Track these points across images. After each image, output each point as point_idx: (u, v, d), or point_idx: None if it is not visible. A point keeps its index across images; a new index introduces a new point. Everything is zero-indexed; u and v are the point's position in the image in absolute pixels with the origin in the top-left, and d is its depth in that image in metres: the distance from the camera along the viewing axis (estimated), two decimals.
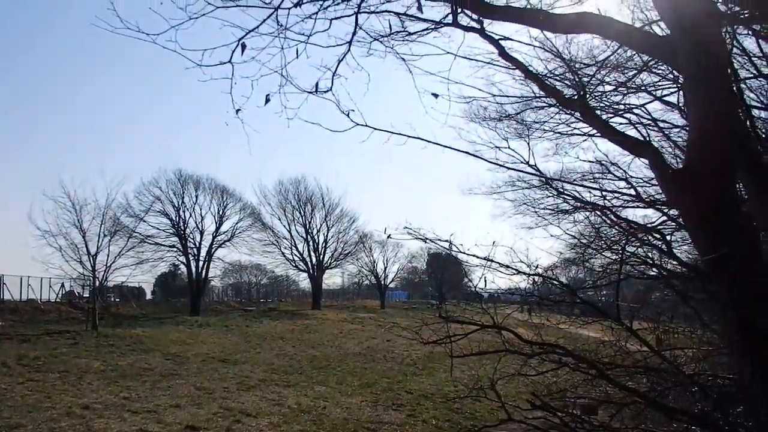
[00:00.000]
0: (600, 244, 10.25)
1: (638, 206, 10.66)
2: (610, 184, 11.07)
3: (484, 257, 5.63)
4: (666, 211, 9.17)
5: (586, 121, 6.97)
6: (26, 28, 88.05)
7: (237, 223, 51.52)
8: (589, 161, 11.00)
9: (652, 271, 8.88)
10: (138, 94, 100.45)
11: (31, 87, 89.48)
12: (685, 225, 5.49)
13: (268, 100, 4.62)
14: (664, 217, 9.51)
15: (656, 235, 8.81)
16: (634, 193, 10.46)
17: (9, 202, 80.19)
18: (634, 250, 8.55)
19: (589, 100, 7.00)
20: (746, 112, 6.74)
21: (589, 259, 10.98)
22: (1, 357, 18.28)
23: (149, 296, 56.92)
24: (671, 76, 7.81)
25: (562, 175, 11.49)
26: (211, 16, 4.44)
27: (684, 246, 9.50)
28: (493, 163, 7.58)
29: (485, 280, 6.00)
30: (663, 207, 9.14)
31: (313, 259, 58.84)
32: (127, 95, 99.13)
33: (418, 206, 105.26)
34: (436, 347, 6.26)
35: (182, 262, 49.24)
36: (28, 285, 36.90)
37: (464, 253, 5.78)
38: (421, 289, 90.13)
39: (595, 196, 10.52)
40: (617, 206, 10.28)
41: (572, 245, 12.11)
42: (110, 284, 39.12)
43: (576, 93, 7.01)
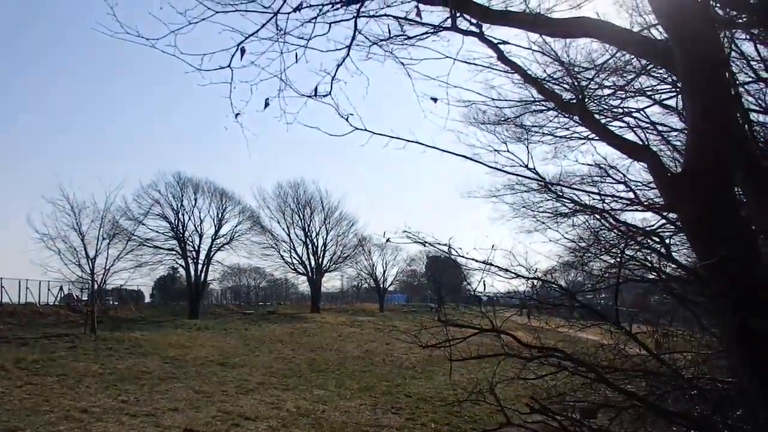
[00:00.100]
0: (599, 248, 10.25)
1: (637, 209, 10.67)
2: (609, 188, 11.11)
3: (483, 261, 5.64)
4: (665, 214, 9.18)
5: (584, 125, 6.99)
6: (26, 33, 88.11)
7: (236, 226, 51.59)
8: (588, 164, 11.04)
9: (651, 274, 8.87)
10: (138, 98, 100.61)
11: (31, 89, 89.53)
12: (683, 228, 5.50)
13: (267, 104, 4.63)
14: (663, 221, 9.53)
15: (655, 238, 8.81)
16: (632, 197, 10.49)
17: (8, 206, 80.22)
18: (633, 254, 8.55)
19: (587, 103, 7.01)
20: (744, 116, 6.75)
21: (588, 263, 10.98)
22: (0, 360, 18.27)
23: (148, 299, 56.95)
24: (670, 79, 7.82)
25: (561, 178, 11.53)
26: (210, 20, 4.45)
27: (683, 249, 9.51)
28: (491, 167, 7.60)
29: (484, 284, 6.00)
30: (662, 210, 9.14)
31: (312, 263, 58.79)
32: (127, 99, 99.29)
33: (418, 209, 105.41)
34: (435, 351, 6.25)
35: (181, 265, 49.25)
36: (26, 288, 36.94)
37: (463, 256, 5.78)
38: (421, 292, 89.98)
39: (594, 199, 10.54)
40: (616, 209, 10.30)
41: (571, 248, 12.12)
42: (109, 287, 39.17)
43: (575, 97, 7.02)
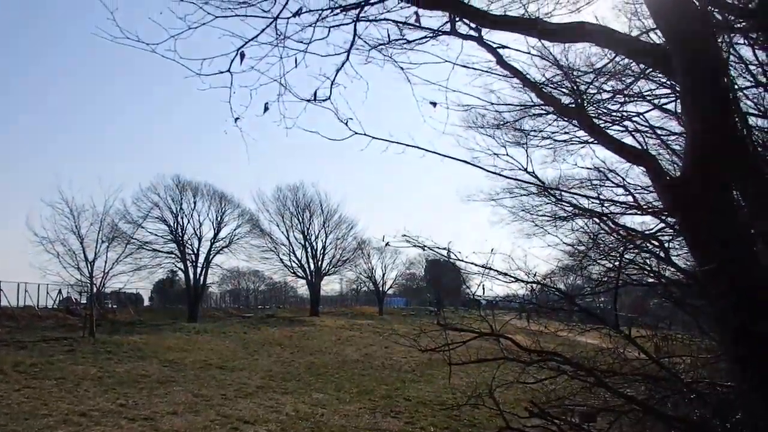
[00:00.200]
0: (598, 251, 10.25)
1: (636, 213, 10.66)
2: (608, 191, 11.07)
3: (483, 265, 5.62)
4: (664, 218, 9.17)
5: (583, 129, 6.99)
6: (26, 33, 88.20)
7: (235, 229, 51.63)
8: (587, 168, 11.01)
9: (650, 278, 8.88)
10: (138, 98, 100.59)
11: (31, 89, 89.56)
12: (682, 232, 5.50)
13: (266, 108, 4.63)
14: (662, 224, 9.51)
15: (654, 242, 8.80)
16: (632, 200, 10.47)
17: (7, 209, 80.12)
18: (632, 257, 8.56)
19: (586, 107, 7.02)
20: (742, 120, 6.76)
21: (587, 266, 10.97)
22: None
23: (147, 303, 56.89)
24: (669, 83, 7.83)
25: (560, 181, 11.51)
26: (210, 25, 4.46)
27: (682, 253, 9.50)
28: (490, 171, 7.59)
29: (483, 288, 6.00)
30: (661, 214, 9.14)
31: (312, 266, 58.78)
32: (127, 99, 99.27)
33: (417, 212, 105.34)
34: (435, 354, 6.24)
35: (180, 268, 49.26)
36: (25, 291, 36.92)
37: (462, 260, 5.77)
38: (420, 295, 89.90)
39: (593, 203, 10.52)
40: (615, 213, 10.27)
41: (570, 252, 12.12)
42: (108, 291, 39.17)
43: (574, 101, 7.03)
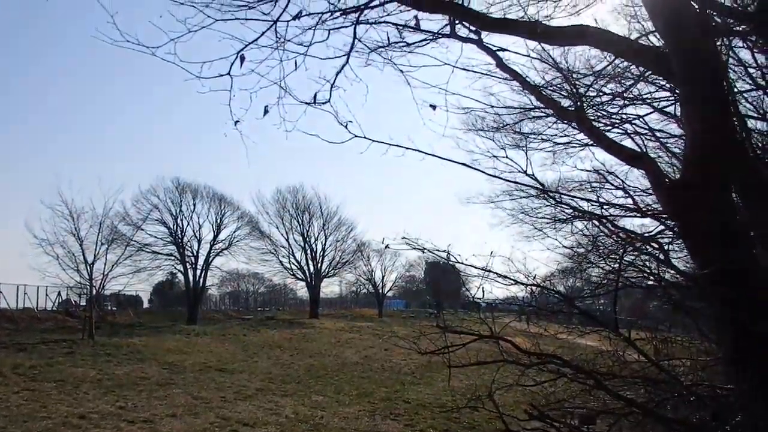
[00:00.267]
0: (597, 254, 10.24)
1: (636, 216, 10.67)
2: (608, 194, 11.09)
3: (482, 267, 5.62)
4: (663, 220, 9.18)
5: (583, 132, 7.00)
6: (26, 36, 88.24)
7: (235, 231, 51.56)
8: (586, 170, 11.02)
9: (650, 280, 8.87)
10: (137, 102, 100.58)
11: (30, 95, 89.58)
12: (681, 235, 5.50)
13: (266, 111, 4.64)
14: (662, 227, 9.51)
15: (654, 244, 8.80)
16: (631, 203, 10.48)
17: (7, 210, 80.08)
18: (632, 260, 8.55)
19: (586, 110, 7.02)
20: (741, 122, 6.76)
21: (587, 269, 10.98)
22: None
23: (146, 305, 56.89)
24: (668, 86, 7.83)
25: (560, 184, 11.51)
26: (210, 28, 4.47)
27: (681, 255, 9.50)
28: (489, 174, 7.60)
29: (483, 290, 6.00)
30: (660, 216, 9.15)
31: (311, 268, 58.70)
32: (127, 103, 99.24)
33: (417, 214, 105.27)
34: (434, 357, 6.23)
35: (180, 270, 49.21)
36: (24, 293, 36.90)
37: (462, 263, 5.78)
38: (419, 298, 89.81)
39: (592, 205, 10.53)
40: (615, 215, 10.29)
41: (570, 254, 12.12)
42: (107, 293, 39.10)
43: (573, 103, 7.04)
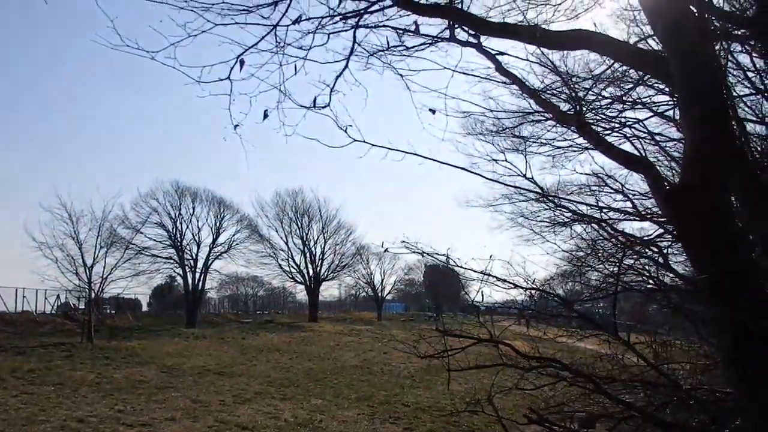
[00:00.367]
0: (597, 257, 10.25)
1: (635, 219, 10.67)
2: (607, 197, 11.10)
3: (481, 271, 5.62)
4: (662, 224, 9.18)
5: (582, 136, 7.01)
6: (24, 40, 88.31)
7: (234, 234, 51.72)
8: (586, 174, 11.01)
9: (649, 283, 8.88)
10: (136, 107, 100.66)
11: (29, 98, 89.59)
12: (680, 239, 5.51)
13: (266, 115, 4.64)
14: (661, 230, 9.52)
15: (653, 248, 8.81)
16: (630, 206, 10.49)
17: (5, 214, 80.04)
18: (631, 263, 8.55)
19: (585, 114, 7.03)
20: (740, 126, 6.77)
21: (586, 272, 10.98)
22: None
23: (145, 308, 56.85)
24: (667, 90, 7.85)
25: (559, 187, 11.50)
26: (210, 33, 4.47)
27: (680, 258, 9.51)
28: (488, 178, 7.60)
29: (482, 294, 6.00)
30: (659, 220, 9.15)
31: (310, 271, 58.74)
32: (126, 107, 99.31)
33: (417, 216, 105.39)
34: (434, 360, 6.23)
35: (179, 273, 49.26)
36: (23, 297, 36.88)
37: (461, 266, 5.77)
38: (419, 301, 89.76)
39: (592, 209, 10.54)
40: (614, 219, 10.29)
41: (569, 258, 12.12)
42: (106, 296, 39.01)
43: (572, 107, 7.05)
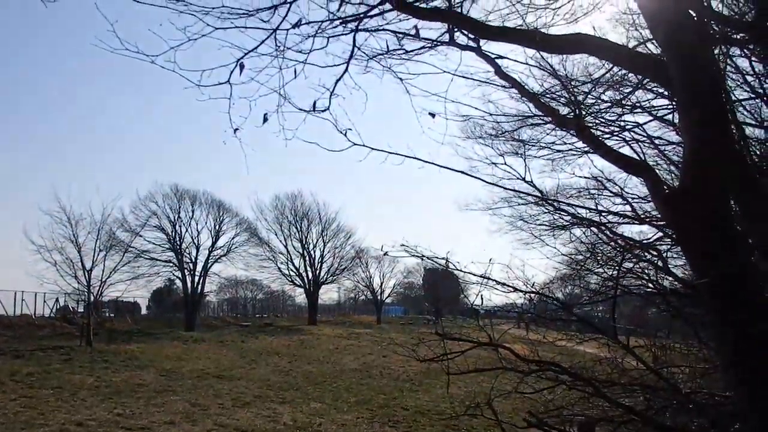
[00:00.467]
0: (596, 261, 10.24)
1: (634, 223, 10.67)
2: (606, 201, 11.10)
3: (481, 275, 5.62)
4: (662, 227, 9.19)
5: (582, 140, 7.01)
6: (23, 43, 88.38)
7: (233, 238, 51.64)
8: (585, 177, 11.02)
9: (648, 287, 8.87)
10: (136, 109, 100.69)
11: (29, 101, 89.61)
12: (680, 243, 5.51)
13: (266, 119, 4.65)
14: (660, 234, 9.53)
15: (652, 251, 8.81)
16: (629, 210, 10.50)
17: (4, 217, 79.96)
18: (630, 267, 8.56)
19: (584, 117, 7.04)
20: (740, 130, 6.77)
21: (586, 276, 10.96)
22: None
23: (144, 311, 56.71)
24: (666, 94, 7.85)
25: (559, 191, 11.51)
26: (209, 36, 4.48)
27: (680, 262, 9.51)
28: (487, 182, 7.61)
29: (482, 297, 6.00)
30: (659, 223, 9.16)
31: (310, 275, 58.63)
32: (126, 110, 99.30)
33: (416, 221, 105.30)
34: (433, 364, 6.23)
35: (178, 277, 49.18)
36: (22, 300, 36.78)
37: (461, 270, 5.78)
38: (418, 304, 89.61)
39: (591, 212, 10.53)
40: (613, 223, 10.29)
41: (568, 261, 12.11)
42: (105, 299, 39.00)
43: (571, 111, 7.06)
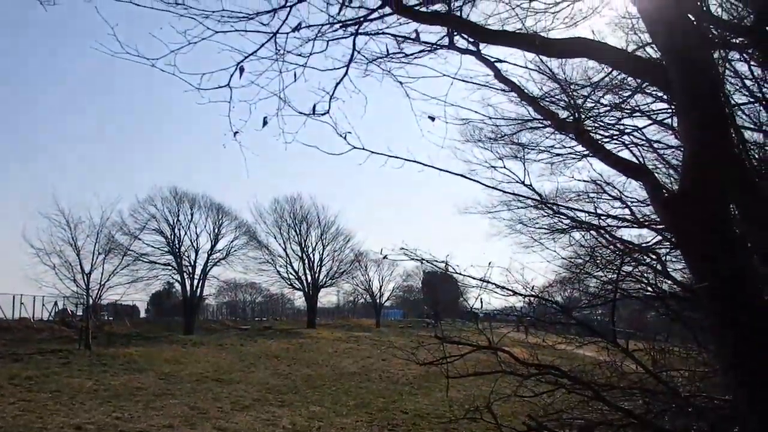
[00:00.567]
0: (595, 264, 10.25)
1: (633, 226, 10.68)
2: (605, 204, 11.10)
3: (480, 278, 5.63)
4: (661, 231, 9.19)
5: (581, 143, 7.03)
6: (23, 45, 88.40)
7: (232, 241, 51.61)
8: (584, 181, 11.01)
9: (648, 291, 8.88)
10: (135, 112, 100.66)
11: (29, 103, 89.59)
12: (679, 247, 5.52)
13: (265, 122, 4.66)
14: (659, 237, 9.53)
15: (651, 255, 8.82)
16: (629, 213, 10.50)
17: (3, 220, 79.83)
18: (630, 270, 8.57)
19: (584, 121, 7.05)
20: (738, 134, 6.79)
21: (585, 279, 10.97)
22: None
23: (143, 315, 56.60)
24: (665, 97, 7.87)
25: (558, 194, 11.51)
26: (210, 40, 4.49)
27: (679, 266, 9.51)
28: (487, 185, 7.63)
29: (481, 301, 6.01)
30: (658, 227, 9.16)
31: (309, 278, 58.63)
32: (125, 113, 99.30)
33: (415, 224, 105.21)
34: (432, 367, 6.22)
35: (177, 280, 49.13)
36: (20, 303, 36.73)
37: (460, 273, 5.79)
38: (417, 307, 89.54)
39: (590, 216, 10.54)
40: (612, 226, 10.30)
41: (568, 265, 12.12)
42: (104, 303, 38.94)
43: (571, 115, 7.07)
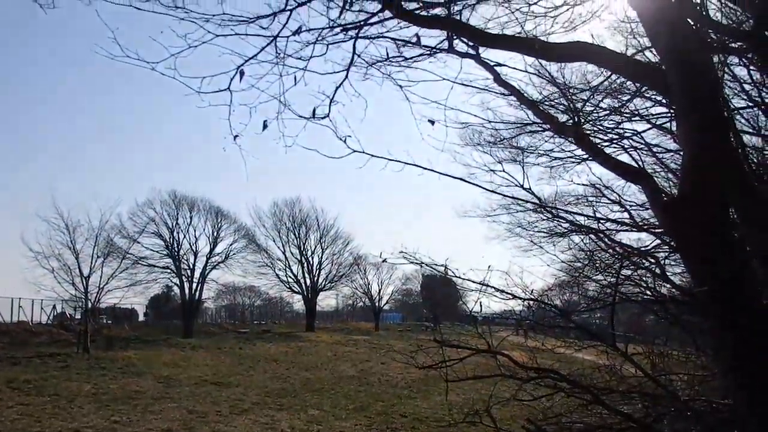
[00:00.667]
0: (594, 268, 10.25)
1: (632, 230, 10.69)
2: (604, 208, 11.13)
3: (480, 282, 5.63)
4: (660, 235, 9.20)
5: (580, 147, 7.04)
6: (23, 48, 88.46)
7: (231, 244, 51.61)
8: (583, 184, 11.05)
9: (647, 294, 8.88)
10: (135, 115, 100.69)
11: (28, 106, 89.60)
12: (678, 251, 5.53)
13: (265, 126, 4.67)
14: (658, 241, 9.54)
15: (650, 258, 8.83)
16: (627, 217, 10.52)
17: (1, 223, 79.74)
18: (629, 274, 8.57)
19: (583, 125, 7.06)
20: (737, 138, 6.80)
21: (584, 283, 10.97)
22: None
23: (142, 318, 56.46)
24: (664, 101, 7.89)
25: (557, 198, 11.54)
26: (210, 43, 4.50)
27: (678, 269, 9.52)
28: (486, 189, 7.64)
29: (480, 305, 6.01)
30: (657, 231, 9.17)
31: (308, 281, 58.58)
32: (125, 116, 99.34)
33: (415, 228, 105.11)
34: (431, 370, 6.22)
35: (176, 283, 49.07)
36: (19, 307, 36.59)
37: (460, 277, 5.79)
38: (416, 311, 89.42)
39: (589, 219, 10.55)
40: (611, 230, 10.31)
41: (567, 269, 12.12)
42: (103, 306, 38.84)
43: (570, 118, 7.08)
